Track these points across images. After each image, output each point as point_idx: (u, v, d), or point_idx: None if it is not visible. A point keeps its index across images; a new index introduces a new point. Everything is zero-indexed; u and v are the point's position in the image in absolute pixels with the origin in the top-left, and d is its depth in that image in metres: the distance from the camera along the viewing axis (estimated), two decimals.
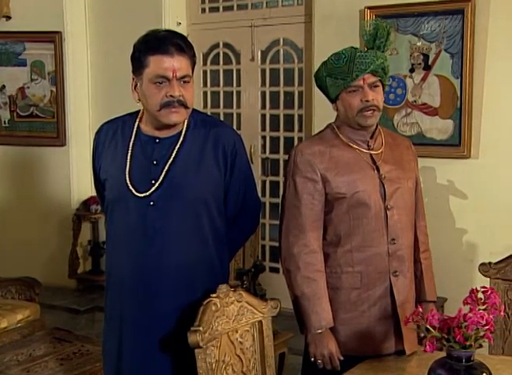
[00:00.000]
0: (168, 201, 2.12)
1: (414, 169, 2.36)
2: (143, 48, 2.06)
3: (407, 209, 2.26)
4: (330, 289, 2.21)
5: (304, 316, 2.19)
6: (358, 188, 2.19)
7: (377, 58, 2.17)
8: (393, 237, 2.21)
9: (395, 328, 2.22)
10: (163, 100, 2.05)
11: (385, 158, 2.26)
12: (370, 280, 2.20)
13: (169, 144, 2.15)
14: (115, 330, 2.21)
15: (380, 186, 2.21)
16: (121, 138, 2.20)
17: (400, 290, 2.22)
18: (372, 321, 2.21)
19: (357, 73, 2.15)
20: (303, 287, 2.18)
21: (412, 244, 2.31)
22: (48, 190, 5.55)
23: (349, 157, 2.23)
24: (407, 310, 2.21)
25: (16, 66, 5.48)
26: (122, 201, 2.15)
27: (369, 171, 2.22)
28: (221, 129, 2.23)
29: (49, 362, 3.01)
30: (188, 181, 2.13)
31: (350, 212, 2.20)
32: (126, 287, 2.16)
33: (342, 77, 2.17)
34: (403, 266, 2.24)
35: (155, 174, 2.12)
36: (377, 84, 2.20)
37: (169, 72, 2.03)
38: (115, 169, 2.17)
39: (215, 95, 5.31)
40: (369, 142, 2.25)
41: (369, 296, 2.20)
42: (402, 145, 2.36)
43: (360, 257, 2.20)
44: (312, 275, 2.18)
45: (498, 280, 2.57)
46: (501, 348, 2.54)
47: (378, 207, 2.20)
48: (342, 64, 2.17)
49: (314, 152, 2.22)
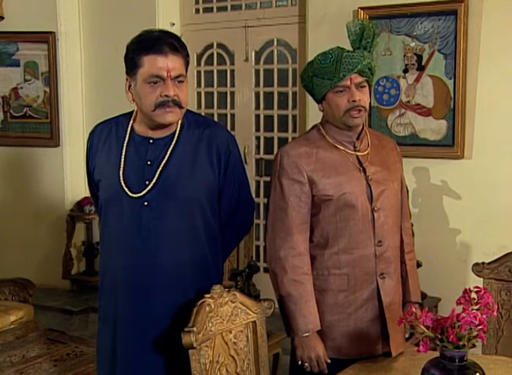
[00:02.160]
0: (162, 201, 2.12)
1: (400, 170, 2.35)
2: (136, 48, 2.06)
3: (393, 211, 2.26)
4: (317, 291, 2.20)
5: (291, 319, 2.18)
6: (345, 190, 2.18)
7: (364, 58, 2.16)
8: (380, 239, 2.20)
9: (382, 330, 2.21)
10: (158, 100, 2.04)
11: (371, 159, 2.25)
12: (357, 282, 2.19)
13: (163, 144, 2.15)
14: (108, 331, 2.20)
15: (367, 187, 2.20)
16: (115, 139, 2.20)
17: (387, 292, 2.22)
18: (359, 323, 2.20)
19: (344, 73, 2.14)
20: (290, 290, 2.17)
21: (399, 246, 2.31)
22: (41, 190, 5.54)
23: (335, 158, 2.21)
24: (394, 312, 2.21)
25: (10, 66, 5.46)
26: (116, 201, 2.15)
27: (356, 173, 2.21)
28: (214, 129, 2.23)
29: (43, 364, 3.00)
30: (182, 182, 2.13)
31: (337, 214, 2.19)
32: (120, 287, 2.16)
33: (329, 77, 2.16)
34: (390, 267, 2.23)
35: (149, 175, 2.12)
36: (364, 85, 2.18)
37: (164, 71, 2.03)
38: (109, 169, 2.17)
39: (209, 96, 5.31)
40: (355, 143, 2.24)
41: (356, 298, 2.20)
42: (387, 146, 2.35)
43: (347, 259, 2.19)
44: (299, 278, 2.17)
45: (491, 280, 2.58)
46: (494, 348, 2.55)
47: (365, 209, 2.19)
48: (329, 64, 2.16)
49: (301, 154, 2.21)
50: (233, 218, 2.29)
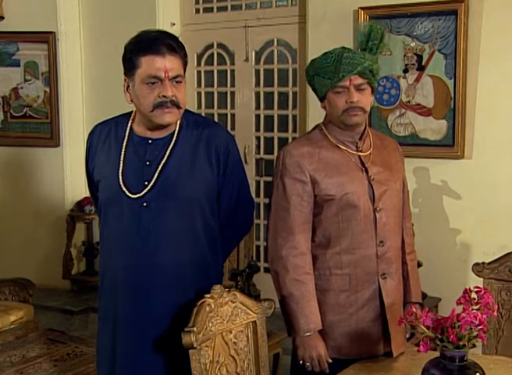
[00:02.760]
0: (161, 201, 2.11)
1: (401, 171, 2.35)
2: (134, 48, 2.06)
3: (395, 211, 2.26)
4: (319, 291, 2.20)
5: (293, 318, 2.18)
6: (347, 190, 2.18)
7: (365, 60, 2.15)
8: (382, 240, 2.21)
9: (383, 330, 2.22)
10: (156, 100, 2.04)
11: (373, 159, 2.25)
12: (358, 283, 2.19)
13: (162, 144, 2.15)
14: (108, 331, 2.20)
15: (369, 188, 2.21)
16: (114, 139, 2.20)
17: (389, 292, 2.22)
18: (360, 323, 2.21)
19: (344, 73, 2.14)
20: (291, 290, 2.17)
21: (400, 246, 2.31)
22: (41, 191, 5.54)
23: (337, 158, 2.22)
24: (395, 312, 2.21)
25: (10, 66, 5.46)
26: (116, 202, 2.15)
27: (358, 173, 2.21)
28: (213, 129, 2.22)
29: (43, 364, 3.00)
30: (181, 182, 2.13)
31: (339, 214, 2.19)
32: (120, 287, 2.16)
33: (329, 77, 2.16)
34: (392, 268, 2.23)
35: (148, 175, 2.12)
36: (364, 87, 2.17)
37: (161, 72, 2.02)
38: (108, 170, 2.17)
39: (209, 96, 5.31)
40: (358, 143, 2.25)
41: (357, 298, 2.20)
42: (389, 147, 2.35)
43: (348, 259, 2.19)
44: (301, 277, 2.17)
45: (491, 280, 2.58)
46: (494, 348, 2.55)
47: (367, 209, 2.19)
48: (329, 64, 2.16)
49: (303, 153, 2.21)
50: (233, 218, 2.28)
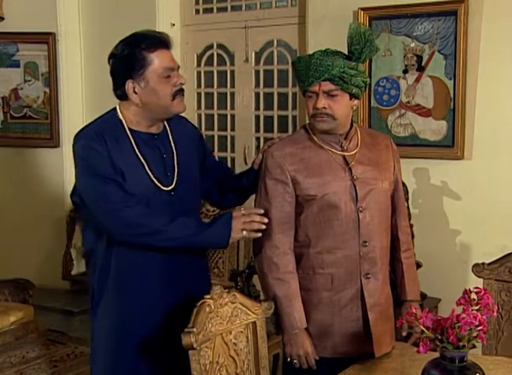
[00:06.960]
0: (183, 189, 2.20)
1: (392, 169, 2.33)
2: (144, 46, 2.09)
3: (380, 211, 2.25)
4: (303, 290, 2.22)
5: (279, 317, 2.21)
6: (328, 190, 2.18)
7: (333, 68, 2.11)
8: (365, 240, 2.20)
9: (365, 330, 2.22)
10: (173, 89, 2.13)
11: (359, 158, 2.24)
12: (341, 282, 2.20)
13: (164, 137, 2.23)
14: (107, 330, 2.20)
15: (352, 188, 2.20)
16: (114, 140, 2.17)
17: (371, 292, 2.22)
18: (344, 323, 2.22)
19: (312, 79, 2.15)
20: (275, 289, 2.19)
21: (387, 246, 2.30)
22: (41, 191, 5.53)
23: (320, 159, 2.22)
24: (378, 313, 2.22)
25: (10, 67, 5.45)
26: (148, 198, 2.14)
27: (340, 173, 2.21)
28: (181, 118, 2.34)
29: (42, 364, 3.01)
30: (193, 171, 2.26)
31: (320, 214, 2.19)
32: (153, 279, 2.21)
33: (301, 80, 2.20)
34: (375, 268, 2.23)
35: (169, 167, 2.19)
36: (335, 93, 2.14)
37: (173, 63, 2.15)
38: (132, 169, 2.14)
39: (209, 96, 5.30)
40: (342, 143, 2.24)
41: (340, 298, 2.21)
42: (381, 144, 2.33)
43: (330, 259, 2.20)
44: (283, 277, 2.19)
45: (491, 281, 2.58)
46: (494, 349, 2.55)
47: (348, 209, 2.19)
48: (301, 68, 2.18)
49: (285, 154, 2.22)
50: (222, 163, 2.59)
